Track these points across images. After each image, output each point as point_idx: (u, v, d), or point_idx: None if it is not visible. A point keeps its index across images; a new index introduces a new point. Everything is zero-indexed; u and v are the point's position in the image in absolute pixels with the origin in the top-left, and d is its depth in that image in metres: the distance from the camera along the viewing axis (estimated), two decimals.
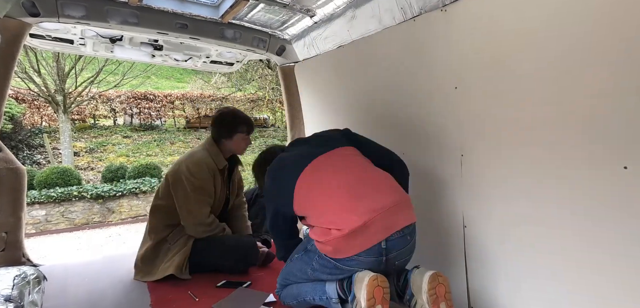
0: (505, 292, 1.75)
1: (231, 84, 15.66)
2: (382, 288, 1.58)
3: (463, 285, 1.93)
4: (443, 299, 1.61)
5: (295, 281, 1.92)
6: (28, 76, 10.78)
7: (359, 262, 1.67)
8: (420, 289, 1.64)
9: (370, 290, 1.56)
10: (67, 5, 2.53)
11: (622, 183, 1.28)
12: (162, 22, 2.85)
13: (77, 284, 2.47)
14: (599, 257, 1.37)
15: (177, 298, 2.18)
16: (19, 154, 11.24)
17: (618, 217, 1.30)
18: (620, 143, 1.28)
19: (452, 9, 1.88)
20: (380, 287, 1.58)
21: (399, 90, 2.32)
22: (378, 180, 1.81)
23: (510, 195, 1.69)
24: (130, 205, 9.82)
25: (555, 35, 1.45)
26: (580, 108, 1.39)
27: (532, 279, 1.62)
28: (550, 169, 1.51)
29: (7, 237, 2.51)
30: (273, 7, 2.83)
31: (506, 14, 1.63)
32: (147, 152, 13.25)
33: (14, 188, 2.52)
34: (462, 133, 1.90)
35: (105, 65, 12.17)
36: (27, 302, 1.81)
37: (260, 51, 3.36)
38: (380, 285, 1.58)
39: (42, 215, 8.98)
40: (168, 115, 15.64)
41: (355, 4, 2.46)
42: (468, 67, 1.83)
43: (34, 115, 13.00)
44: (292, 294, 1.91)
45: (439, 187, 2.07)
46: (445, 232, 2.04)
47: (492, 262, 1.79)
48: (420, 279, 1.66)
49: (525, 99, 1.58)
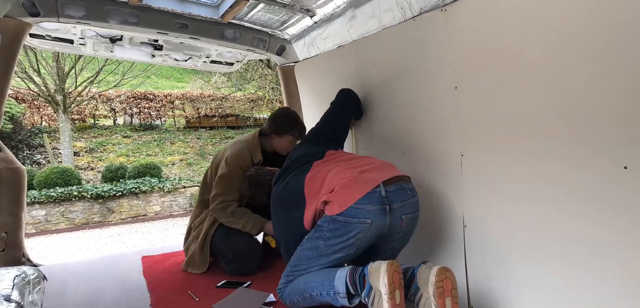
0: (506, 292, 1.75)
1: (231, 83, 15.66)
2: (399, 273, 1.61)
3: (463, 285, 1.93)
4: (449, 294, 1.61)
5: (305, 268, 1.88)
6: (28, 76, 10.78)
7: (365, 211, 1.73)
8: (427, 282, 1.64)
9: (389, 276, 1.57)
10: (67, 5, 2.53)
11: (622, 183, 1.28)
12: (162, 22, 2.85)
13: (77, 284, 2.47)
14: (598, 257, 1.37)
15: (177, 298, 2.18)
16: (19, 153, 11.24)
17: (618, 217, 1.30)
18: (620, 143, 1.28)
19: (452, 9, 1.88)
20: (396, 272, 1.60)
21: (399, 90, 2.32)
22: (369, 158, 2.07)
23: (510, 195, 1.69)
24: (130, 205, 9.83)
25: (555, 35, 1.45)
26: (580, 108, 1.39)
27: (532, 279, 1.62)
28: (550, 169, 1.51)
29: (7, 237, 2.51)
30: (273, 7, 2.83)
31: (506, 13, 1.63)
32: (147, 152, 13.25)
33: (14, 188, 2.52)
34: (462, 133, 1.90)
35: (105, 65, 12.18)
36: (27, 302, 1.81)
37: (260, 51, 3.35)
38: (397, 271, 1.61)
39: (42, 215, 8.98)
40: (168, 115, 15.64)
41: (355, 4, 2.46)
42: (468, 67, 1.83)
43: (34, 115, 13.00)
44: (298, 290, 1.87)
45: (439, 187, 2.07)
46: (445, 232, 2.04)
47: (492, 262, 1.79)
48: (427, 272, 1.66)
49: (526, 99, 1.58)
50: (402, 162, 2.34)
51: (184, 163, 12.96)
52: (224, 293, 2.20)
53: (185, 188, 10.50)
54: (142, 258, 2.91)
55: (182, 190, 10.45)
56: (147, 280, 2.50)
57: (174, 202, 10.29)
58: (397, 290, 1.58)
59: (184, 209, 10.35)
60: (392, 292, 1.56)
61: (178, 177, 11.23)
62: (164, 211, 10.14)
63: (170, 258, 2.92)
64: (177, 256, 2.96)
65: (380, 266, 1.62)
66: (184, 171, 12.37)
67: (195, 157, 13.50)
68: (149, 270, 2.67)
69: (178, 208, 10.32)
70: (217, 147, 14.42)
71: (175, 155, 13.37)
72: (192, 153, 13.76)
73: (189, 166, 12.80)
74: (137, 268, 2.72)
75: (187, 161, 13.13)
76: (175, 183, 10.38)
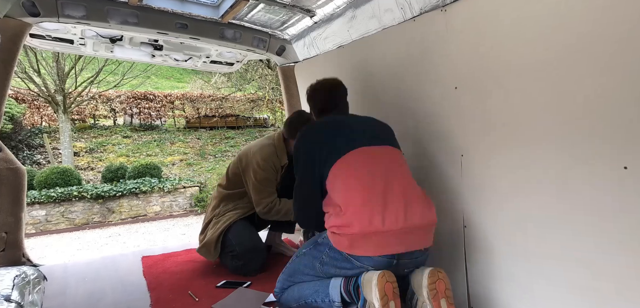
0: (506, 292, 1.75)
1: (231, 83, 15.67)
2: (392, 284, 1.59)
3: (463, 286, 1.93)
4: (443, 296, 1.62)
5: (299, 280, 1.90)
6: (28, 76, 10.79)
7: (371, 261, 1.67)
8: (420, 286, 1.66)
9: (381, 289, 1.56)
10: (67, 5, 2.53)
11: (622, 183, 1.28)
12: (162, 22, 2.85)
13: (77, 284, 2.47)
14: (598, 257, 1.37)
15: (177, 298, 2.18)
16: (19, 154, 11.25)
17: (618, 217, 1.30)
18: (620, 143, 1.28)
19: (452, 9, 1.88)
20: (389, 282, 1.58)
21: (399, 90, 2.32)
22: (410, 193, 1.77)
23: (510, 195, 1.69)
24: (130, 205, 9.83)
25: (555, 35, 1.45)
26: (580, 108, 1.39)
27: (532, 279, 1.62)
28: (550, 169, 1.51)
29: (7, 237, 2.51)
30: (273, 7, 2.83)
31: (506, 13, 1.63)
32: (147, 152, 13.26)
33: (14, 188, 2.52)
34: (462, 133, 1.90)
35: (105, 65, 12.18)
36: (27, 302, 1.81)
37: (260, 51, 3.35)
38: (389, 281, 1.59)
39: (42, 215, 8.98)
40: (168, 115, 15.65)
41: (355, 4, 2.46)
42: (468, 67, 1.83)
43: (34, 115, 13.01)
44: (293, 297, 1.90)
45: (439, 187, 2.07)
46: (445, 232, 2.04)
47: (493, 262, 1.79)
48: (420, 276, 1.67)
49: (526, 99, 1.58)
50: None
51: (184, 164, 12.97)
52: (224, 294, 2.20)
53: (185, 189, 10.50)
54: (142, 259, 2.91)
55: (182, 190, 10.45)
56: (147, 280, 2.50)
57: (174, 202, 10.29)
58: (390, 301, 1.57)
59: (184, 209, 10.35)
60: (386, 304, 1.56)
61: (178, 177, 11.23)
62: (164, 211, 10.14)
63: (170, 258, 2.92)
64: (177, 256, 2.96)
65: (372, 277, 1.61)
66: (184, 171, 12.38)
67: (195, 157, 13.50)
68: (149, 270, 2.67)
69: (178, 208, 10.32)
70: (217, 147, 14.43)
71: (175, 156, 13.37)
72: (192, 153, 13.77)
73: (189, 166, 12.80)
74: (137, 269, 2.72)
75: (187, 161, 13.14)
76: (175, 184, 10.38)
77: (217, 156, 13.79)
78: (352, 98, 2.87)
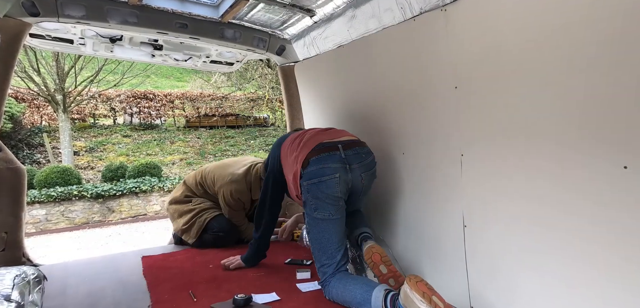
0: (506, 292, 1.75)
1: (231, 83, 15.67)
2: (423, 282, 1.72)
3: (464, 285, 1.93)
4: (380, 262, 2.06)
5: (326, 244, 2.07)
6: (28, 75, 10.79)
7: (327, 167, 2.06)
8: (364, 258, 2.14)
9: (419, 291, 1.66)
10: (67, 5, 2.53)
11: (622, 183, 1.28)
12: (162, 21, 2.85)
13: (77, 284, 2.47)
14: (598, 257, 1.37)
15: (176, 298, 2.18)
16: (19, 153, 11.25)
17: (618, 217, 1.30)
18: (620, 143, 1.28)
19: (452, 8, 1.88)
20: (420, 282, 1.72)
21: (399, 90, 2.32)
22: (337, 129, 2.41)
23: (510, 195, 1.69)
24: (130, 204, 9.84)
25: (555, 35, 1.45)
26: (580, 107, 1.39)
27: (532, 279, 1.62)
28: (550, 169, 1.51)
29: (7, 237, 2.51)
30: (273, 7, 2.83)
31: (506, 13, 1.63)
32: (147, 151, 13.26)
33: (14, 187, 2.52)
34: (462, 133, 1.90)
35: (105, 65, 12.18)
36: (27, 302, 1.81)
37: (260, 51, 3.35)
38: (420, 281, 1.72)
39: (42, 215, 8.99)
40: (168, 115, 15.65)
41: (355, 4, 2.46)
42: (468, 67, 1.83)
43: (33, 115, 13.01)
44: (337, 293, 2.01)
45: (439, 187, 2.07)
46: (445, 232, 2.04)
47: (493, 262, 1.80)
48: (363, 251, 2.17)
49: (526, 99, 1.58)
50: (402, 162, 2.34)
51: (184, 163, 12.97)
52: (224, 294, 2.20)
53: None
54: (142, 258, 2.91)
55: None
56: (147, 280, 2.49)
57: None
58: (432, 296, 1.66)
59: None
60: (429, 301, 1.64)
61: (178, 177, 11.24)
62: (164, 211, 10.14)
63: (170, 258, 2.92)
64: (177, 256, 2.96)
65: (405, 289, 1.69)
66: (184, 170, 12.38)
67: (195, 157, 13.51)
68: (149, 270, 2.66)
69: None
70: (217, 146, 14.44)
71: (175, 155, 13.38)
72: (192, 152, 13.77)
73: (188, 165, 12.81)
74: (137, 268, 2.72)
75: (187, 160, 13.14)
76: (175, 183, 10.38)
77: (217, 155, 13.80)
78: (351, 98, 2.88)
